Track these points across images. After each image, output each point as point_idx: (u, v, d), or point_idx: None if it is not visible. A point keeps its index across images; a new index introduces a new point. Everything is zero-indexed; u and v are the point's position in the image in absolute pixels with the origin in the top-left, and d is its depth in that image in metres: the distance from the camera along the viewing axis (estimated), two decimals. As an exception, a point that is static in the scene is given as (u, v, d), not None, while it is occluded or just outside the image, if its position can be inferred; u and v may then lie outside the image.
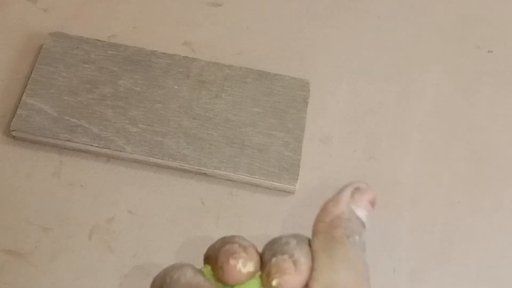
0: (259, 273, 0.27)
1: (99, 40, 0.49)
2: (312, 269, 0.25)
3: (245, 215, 0.45)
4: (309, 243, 0.27)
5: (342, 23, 0.54)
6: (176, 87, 0.48)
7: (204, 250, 0.44)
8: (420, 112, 0.50)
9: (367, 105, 0.50)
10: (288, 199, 0.46)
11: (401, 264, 0.44)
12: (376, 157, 0.48)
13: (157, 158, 0.45)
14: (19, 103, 0.46)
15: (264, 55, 0.51)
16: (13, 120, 0.45)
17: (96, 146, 0.45)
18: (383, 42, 0.53)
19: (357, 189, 0.27)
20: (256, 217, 0.45)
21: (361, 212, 0.27)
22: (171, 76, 0.48)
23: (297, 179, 0.45)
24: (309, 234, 0.44)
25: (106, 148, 0.45)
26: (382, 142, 0.49)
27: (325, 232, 0.27)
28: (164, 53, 0.49)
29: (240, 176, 0.45)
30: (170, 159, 0.45)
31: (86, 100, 0.46)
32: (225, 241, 0.26)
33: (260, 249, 0.28)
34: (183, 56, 0.49)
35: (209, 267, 0.29)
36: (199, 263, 0.44)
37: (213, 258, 0.26)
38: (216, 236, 0.44)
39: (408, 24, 0.54)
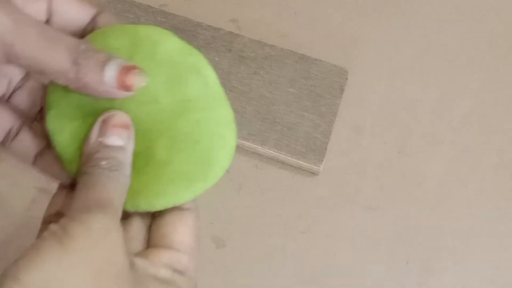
0: None
1: (150, 6, 0.54)
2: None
3: (267, 189, 0.49)
4: None
5: (390, 19, 0.57)
6: (217, 59, 0.52)
7: (222, 213, 0.48)
8: (456, 116, 0.53)
9: (403, 101, 0.53)
10: (311, 180, 0.49)
11: (415, 257, 0.47)
12: (406, 152, 0.51)
13: None
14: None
15: (307, 40, 0.55)
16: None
17: None
18: (429, 43, 0.56)
19: (103, 122, 0.29)
20: (277, 192, 0.49)
21: (112, 140, 0.29)
22: (214, 49, 0.52)
23: (323, 161, 0.49)
24: (329, 216, 0.48)
25: None
26: (413, 138, 0.52)
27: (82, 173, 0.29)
28: (209, 26, 0.53)
29: (267, 150, 0.49)
30: None
31: None
32: None
33: None
34: (228, 31, 0.53)
35: None
36: (214, 227, 0.47)
37: None
38: (235, 203, 0.48)
39: (457, 28, 0.57)
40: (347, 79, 0.52)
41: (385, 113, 0.52)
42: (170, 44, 0.31)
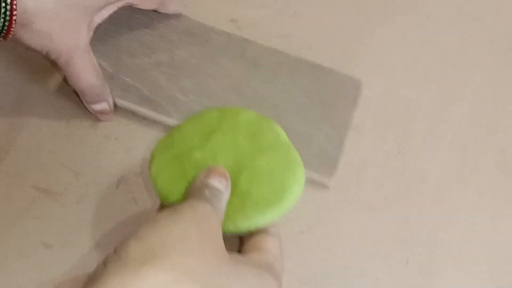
0: None
1: None
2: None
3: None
4: None
5: (389, 19, 0.57)
6: (230, 65, 0.51)
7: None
8: (456, 116, 0.53)
9: (403, 101, 0.53)
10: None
11: (414, 257, 0.47)
12: (405, 152, 0.51)
13: None
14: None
15: (307, 40, 0.55)
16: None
17: (145, 108, 0.49)
18: (429, 43, 0.56)
19: (208, 170, 0.38)
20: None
21: (213, 182, 0.37)
22: (227, 55, 0.52)
23: (333, 173, 0.48)
24: (329, 216, 0.48)
25: (153, 111, 0.49)
26: (413, 138, 0.52)
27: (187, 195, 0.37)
28: (223, 31, 0.53)
29: None
30: None
31: (143, 64, 0.51)
32: None
33: None
34: (241, 37, 0.53)
35: None
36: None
37: None
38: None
39: (457, 28, 0.57)
40: (361, 90, 0.51)
41: (385, 113, 0.53)
42: (249, 113, 0.42)
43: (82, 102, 0.49)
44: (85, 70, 0.45)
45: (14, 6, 0.40)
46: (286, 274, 0.46)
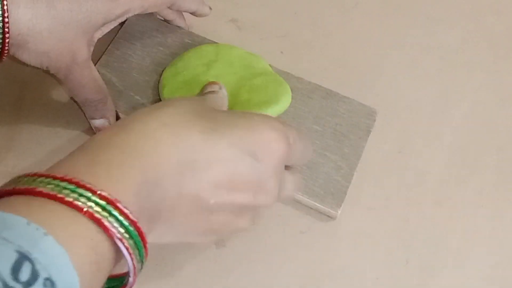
0: None
1: (179, 27, 0.53)
2: None
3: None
4: None
5: (388, 18, 0.57)
6: None
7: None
8: (456, 115, 0.53)
9: (403, 101, 0.53)
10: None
11: (414, 257, 0.47)
12: (405, 152, 0.51)
13: None
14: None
15: (308, 39, 0.55)
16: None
17: None
18: (429, 42, 0.56)
19: (203, 87, 0.43)
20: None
21: (208, 90, 0.42)
22: None
23: (341, 205, 0.47)
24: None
25: None
26: (413, 138, 0.52)
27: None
28: None
29: None
30: None
31: (153, 81, 0.50)
32: None
33: None
34: None
35: None
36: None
37: None
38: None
39: (458, 28, 0.57)
40: (375, 120, 0.50)
41: (385, 112, 0.52)
42: (240, 50, 0.50)
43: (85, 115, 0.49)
44: (84, 85, 0.45)
45: (7, 29, 0.40)
46: (286, 274, 0.46)
